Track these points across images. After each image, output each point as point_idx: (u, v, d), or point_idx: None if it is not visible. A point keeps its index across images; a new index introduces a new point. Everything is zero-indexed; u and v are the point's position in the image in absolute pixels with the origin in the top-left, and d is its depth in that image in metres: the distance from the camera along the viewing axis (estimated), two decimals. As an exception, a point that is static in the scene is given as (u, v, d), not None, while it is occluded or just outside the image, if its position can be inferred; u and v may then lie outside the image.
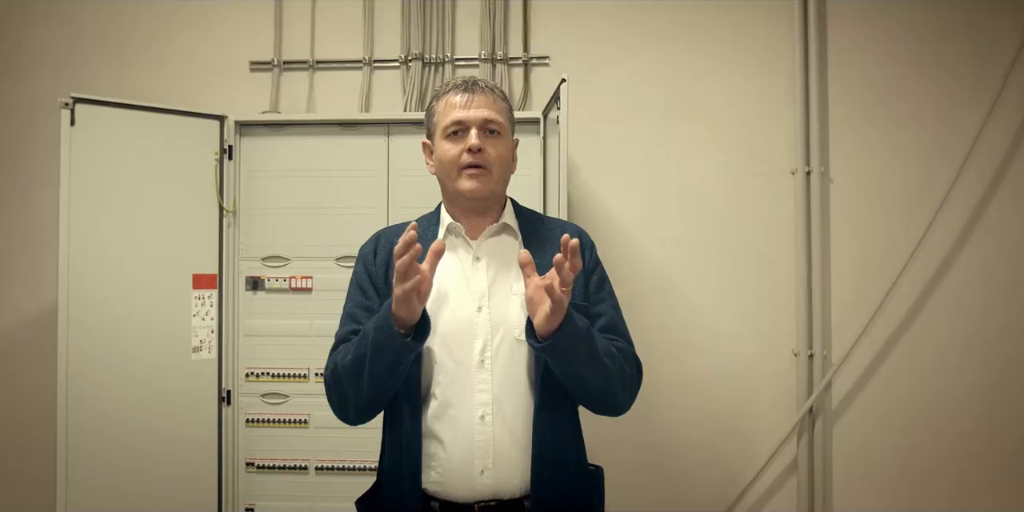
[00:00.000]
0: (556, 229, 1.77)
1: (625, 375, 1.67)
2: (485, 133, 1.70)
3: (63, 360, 2.61)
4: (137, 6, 3.29)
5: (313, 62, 3.26)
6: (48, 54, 3.28)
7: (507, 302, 1.66)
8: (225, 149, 2.98)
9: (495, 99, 1.74)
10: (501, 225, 1.76)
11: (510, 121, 1.77)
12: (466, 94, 1.72)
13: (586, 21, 3.24)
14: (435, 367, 1.64)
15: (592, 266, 1.78)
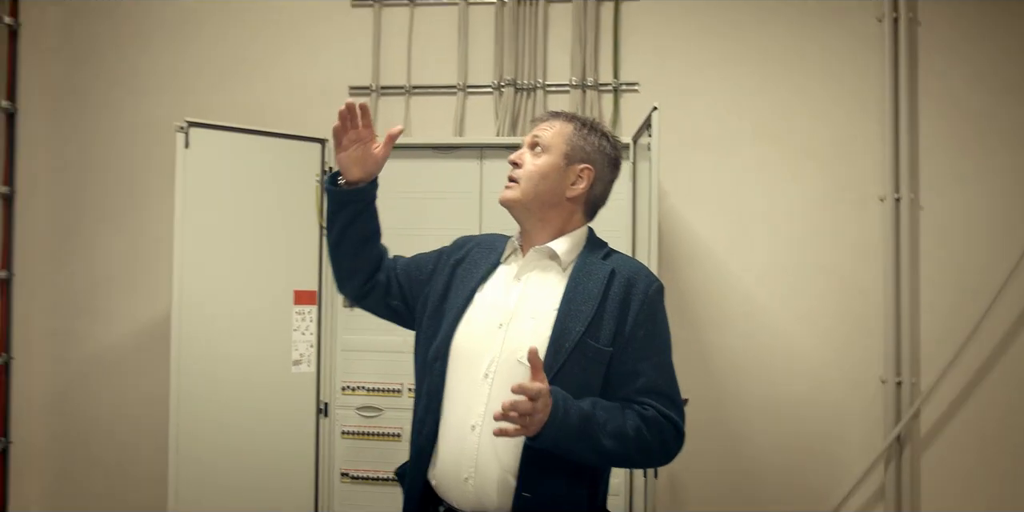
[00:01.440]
0: (609, 268, 1.80)
1: (647, 449, 1.70)
2: (531, 150, 1.87)
3: (175, 370, 2.85)
4: (246, 34, 3.56)
5: (409, 87, 3.48)
6: (164, 78, 3.58)
7: (525, 324, 1.77)
8: (326, 170, 3.20)
9: (555, 121, 1.90)
10: (548, 250, 1.84)
11: (569, 143, 1.85)
12: (540, 121, 1.90)
13: (675, 48, 3.40)
14: (452, 374, 1.80)
15: (644, 316, 1.77)
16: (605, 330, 1.73)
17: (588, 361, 1.71)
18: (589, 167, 1.85)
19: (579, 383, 1.69)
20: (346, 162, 1.88)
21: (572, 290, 1.77)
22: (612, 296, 1.75)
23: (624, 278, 1.78)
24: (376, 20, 3.51)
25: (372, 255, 1.97)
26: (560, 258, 1.83)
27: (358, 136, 1.87)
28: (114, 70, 3.61)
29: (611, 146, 1.90)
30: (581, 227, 1.89)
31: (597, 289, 1.75)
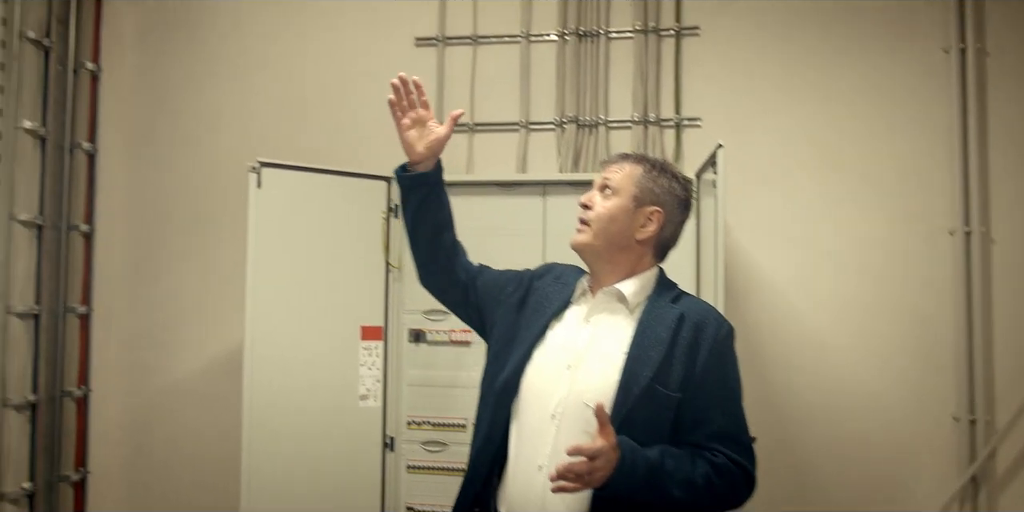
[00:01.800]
0: (678, 312, 1.81)
1: (717, 496, 1.73)
2: (601, 192, 1.91)
3: (247, 402, 2.94)
4: (313, 74, 3.70)
5: (472, 124, 3.56)
6: (236, 118, 3.73)
7: (593, 366, 1.78)
8: (392, 208, 3.29)
9: (625, 163, 1.93)
10: (616, 292, 1.86)
11: (639, 185, 1.87)
12: (610, 163, 1.94)
13: (737, 82, 3.43)
14: (518, 410, 1.83)
15: (713, 361, 1.78)
16: (674, 375, 1.74)
17: (657, 407, 1.73)
18: (659, 210, 1.87)
19: (647, 429, 1.71)
20: (409, 139, 1.98)
21: (641, 334, 1.79)
22: (681, 341, 1.77)
23: (693, 322, 1.79)
24: (439, 59, 3.61)
25: (445, 245, 2.04)
26: (628, 300, 1.85)
27: (418, 116, 1.98)
28: (188, 111, 3.77)
29: (681, 188, 1.92)
30: (651, 269, 1.91)
31: (666, 333, 1.77)
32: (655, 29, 3.47)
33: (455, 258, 2.06)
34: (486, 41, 3.60)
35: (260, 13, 3.77)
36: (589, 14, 3.53)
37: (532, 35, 3.57)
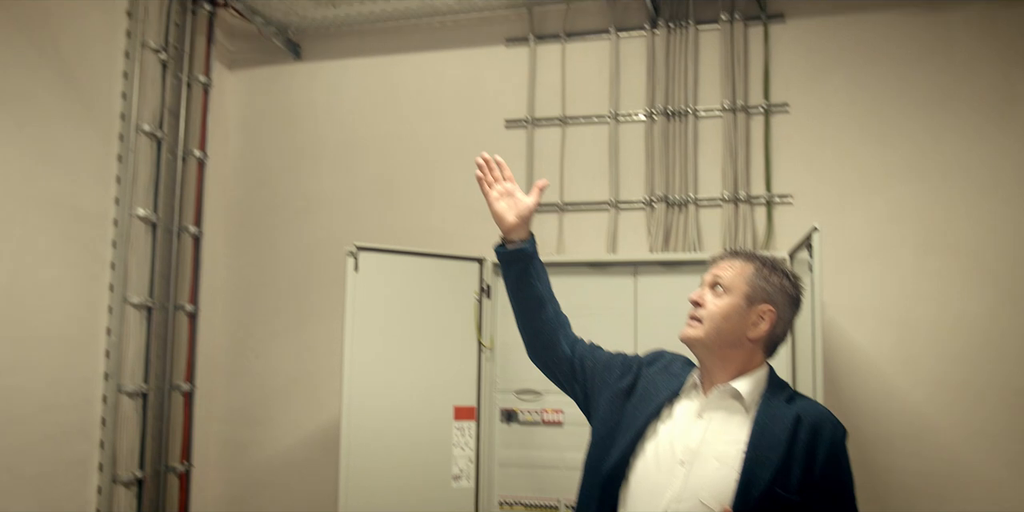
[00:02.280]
0: (794, 413, 1.83)
1: None
2: (712, 289, 1.95)
3: (343, 480, 3.04)
4: (406, 158, 3.86)
5: (562, 204, 3.66)
6: (332, 200, 3.91)
7: (709, 464, 1.80)
8: (484, 288, 3.38)
9: (735, 260, 1.98)
10: (731, 390, 1.89)
11: (751, 284, 1.92)
12: (719, 260, 1.99)
13: (828, 158, 3.46)
14: (628, 499, 1.85)
15: (831, 465, 1.80)
16: (793, 478, 1.76)
17: (776, 510, 1.75)
18: (771, 308, 1.91)
19: None
20: (499, 210, 2.10)
21: (759, 435, 1.80)
22: (799, 443, 1.79)
23: (809, 424, 1.81)
24: (528, 139, 3.74)
25: (548, 318, 2.12)
26: (744, 399, 1.88)
27: (505, 189, 2.11)
28: (288, 194, 3.97)
29: (792, 285, 1.96)
30: (762, 366, 1.94)
31: (784, 435, 1.79)
32: (744, 107, 3.53)
33: (560, 331, 2.13)
34: (574, 121, 3.72)
35: (356, 99, 3.98)
36: (677, 93, 3.62)
37: (620, 115, 3.67)
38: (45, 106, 3.08)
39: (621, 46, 3.71)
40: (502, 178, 2.12)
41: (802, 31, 3.55)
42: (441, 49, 3.91)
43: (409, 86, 3.93)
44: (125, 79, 3.43)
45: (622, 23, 3.71)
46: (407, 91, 3.93)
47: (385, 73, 3.97)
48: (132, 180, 3.38)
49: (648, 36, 3.67)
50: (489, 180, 2.12)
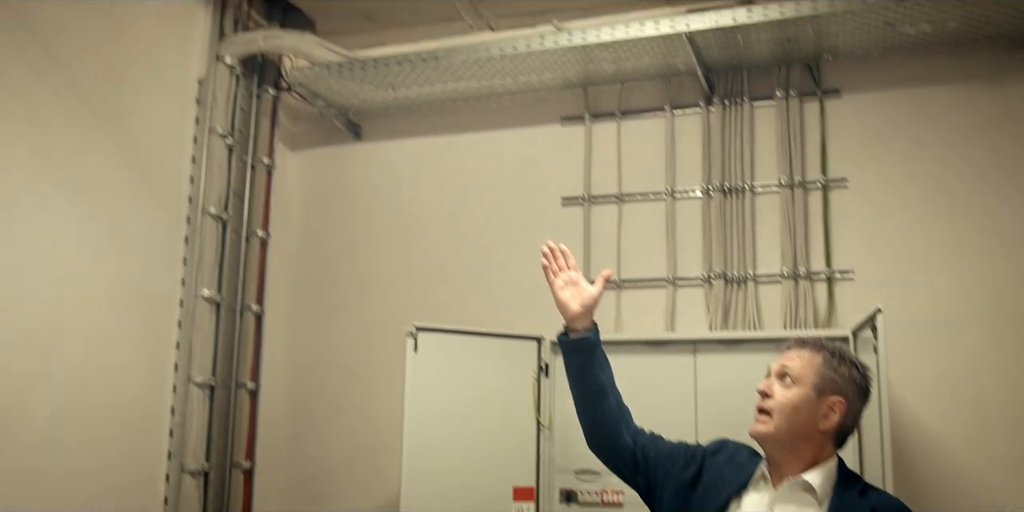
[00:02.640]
0: (869, 506, 1.82)
1: None
2: (780, 380, 1.94)
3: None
4: (464, 237, 3.95)
5: (619, 281, 3.68)
6: (391, 279, 4.00)
7: None
8: (542, 367, 3.41)
9: (803, 350, 1.98)
10: (803, 483, 1.87)
11: (820, 374, 1.92)
12: (786, 349, 1.98)
13: (889, 233, 3.44)
14: None
15: None
16: None
17: None
18: (841, 399, 1.90)
19: None
20: (563, 299, 2.11)
21: None
22: None
23: None
24: (585, 217, 3.80)
25: (610, 409, 2.11)
26: (816, 492, 1.86)
27: (569, 278, 2.12)
28: (347, 273, 4.08)
29: (861, 376, 1.95)
30: (832, 457, 1.93)
31: None
32: (801, 182, 3.55)
33: (622, 422, 2.13)
34: (631, 198, 3.76)
35: (415, 178, 4.09)
36: (733, 169, 3.65)
37: (677, 191, 3.71)
38: (117, 191, 3.23)
39: (676, 123, 3.77)
40: (566, 266, 2.16)
41: (859, 105, 3.57)
42: (498, 128, 4.02)
43: (466, 165, 4.04)
44: (193, 164, 3.58)
45: (677, 100, 3.78)
46: (464, 170, 4.03)
47: (443, 152, 4.08)
48: (198, 261, 3.51)
49: (703, 113, 3.73)
50: (554, 268, 2.16)
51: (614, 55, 3.53)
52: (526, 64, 3.60)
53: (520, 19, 3.92)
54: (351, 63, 3.68)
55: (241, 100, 3.78)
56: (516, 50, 3.48)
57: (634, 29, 3.35)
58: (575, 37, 3.42)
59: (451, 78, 3.72)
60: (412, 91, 3.86)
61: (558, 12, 3.85)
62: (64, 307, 2.98)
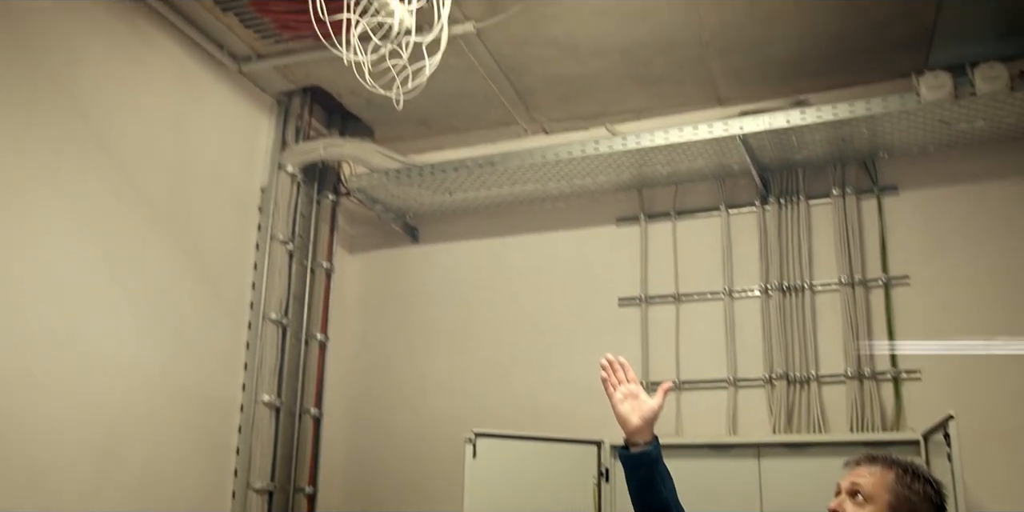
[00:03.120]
0: None
1: None
2: (852, 498, 1.90)
3: None
4: (521, 337, 3.99)
5: (679, 382, 3.68)
6: (448, 381, 4.03)
7: None
8: (602, 472, 3.38)
9: (874, 466, 1.93)
10: None
11: (893, 492, 1.87)
12: (856, 466, 1.95)
13: (956, 330, 3.40)
14: None
15: None
16: None
17: None
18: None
19: None
20: (623, 412, 2.06)
21: None
22: None
23: None
24: (643, 317, 3.82)
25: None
26: None
27: (629, 391, 2.08)
28: (404, 376, 4.13)
29: (936, 493, 1.90)
30: None
31: None
32: (862, 281, 3.54)
33: None
34: (688, 298, 3.78)
35: (471, 280, 4.16)
36: (791, 268, 3.66)
37: (735, 291, 3.72)
38: (182, 297, 3.35)
39: (732, 222, 3.81)
40: (626, 379, 2.17)
41: (917, 201, 3.59)
42: (553, 229, 4.09)
43: (523, 266, 4.10)
44: (255, 270, 3.70)
45: (732, 200, 3.82)
46: (521, 271, 4.09)
47: (499, 254, 4.16)
48: (258, 366, 3.58)
49: (759, 212, 3.76)
50: (613, 381, 2.17)
51: (668, 157, 3.60)
52: (581, 167, 3.69)
53: (573, 122, 4.05)
54: (409, 169, 3.80)
55: (302, 206, 3.91)
56: (571, 155, 3.58)
57: (688, 133, 3.43)
58: (629, 141, 3.51)
59: (507, 182, 3.82)
60: (469, 195, 3.96)
61: (610, 115, 3.97)
62: (127, 413, 3.05)
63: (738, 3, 3.24)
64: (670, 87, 3.81)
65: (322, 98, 3.98)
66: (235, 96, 3.72)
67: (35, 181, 2.78)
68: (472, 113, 4.04)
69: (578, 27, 3.40)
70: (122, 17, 3.17)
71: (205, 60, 3.54)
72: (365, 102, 3.89)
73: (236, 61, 3.63)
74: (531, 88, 3.84)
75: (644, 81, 3.76)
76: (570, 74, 3.72)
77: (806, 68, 3.63)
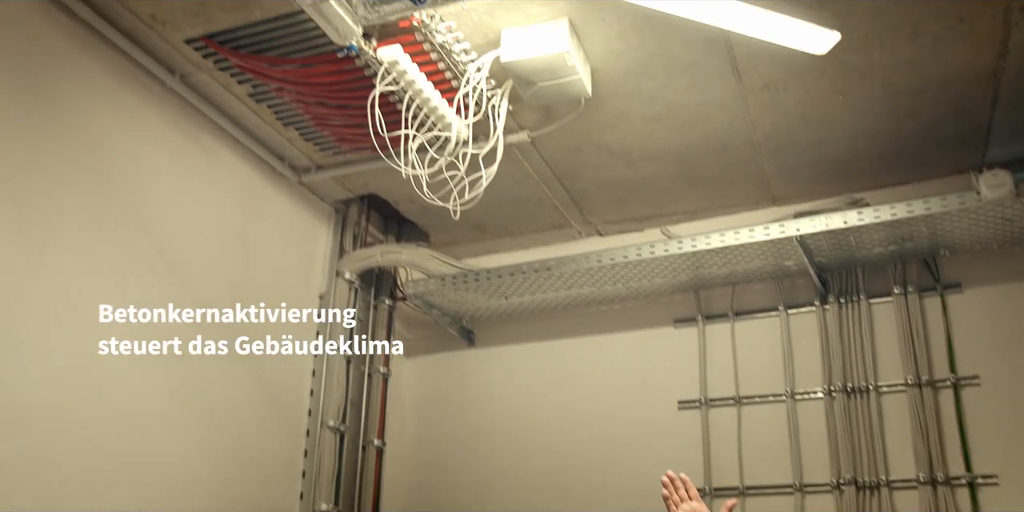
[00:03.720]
0: None
1: None
2: None
3: None
4: (577, 441, 3.95)
5: (743, 488, 3.61)
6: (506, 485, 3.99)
7: None
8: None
9: None
10: None
11: None
12: None
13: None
14: None
15: None
16: None
17: None
18: None
19: None
20: None
21: None
22: None
23: None
24: (703, 421, 3.77)
25: None
26: None
27: (691, 509, 2.07)
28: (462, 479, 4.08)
29: None
30: None
31: None
32: (929, 381, 3.47)
33: None
34: (749, 401, 3.73)
35: (528, 383, 4.16)
36: (855, 368, 3.60)
37: (797, 393, 3.67)
38: (241, 406, 3.38)
39: (792, 322, 3.78)
40: (687, 496, 2.15)
41: (983, 299, 3.54)
42: (610, 332, 4.09)
43: (580, 369, 4.09)
44: (313, 377, 3.73)
45: (791, 300, 3.80)
46: (578, 373, 4.08)
47: (556, 356, 4.16)
48: (316, 474, 3.58)
49: (819, 312, 3.73)
50: (675, 499, 2.16)
51: (724, 259, 3.61)
52: (637, 271, 3.71)
53: (627, 224, 4.10)
54: (465, 274, 3.86)
55: (359, 311, 3.96)
56: (626, 259, 3.60)
57: (744, 235, 3.45)
58: (685, 244, 3.53)
59: (563, 286, 3.85)
60: (525, 298, 3.99)
61: (664, 216, 4.02)
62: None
63: (790, 106, 3.29)
64: (723, 188, 3.85)
65: (379, 205, 4.08)
66: (295, 206, 3.83)
67: (104, 299, 2.86)
68: (526, 217, 4.11)
69: (630, 133, 3.48)
70: (188, 133, 3.31)
71: (267, 172, 3.67)
72: (421, 209, 3.97)
73: (297, 173, 3.75)
74: (584, 192, 3.91)
75: (697, 182, 3.81)
76: (623, 178, 3.78)
77: (860, 166, 3.65)
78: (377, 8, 2.57)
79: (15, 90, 2.69)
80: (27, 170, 2.66)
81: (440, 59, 2.99)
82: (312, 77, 3.09)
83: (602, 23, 2.91)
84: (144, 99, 3.12)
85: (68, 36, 2.86)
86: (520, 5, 2.85)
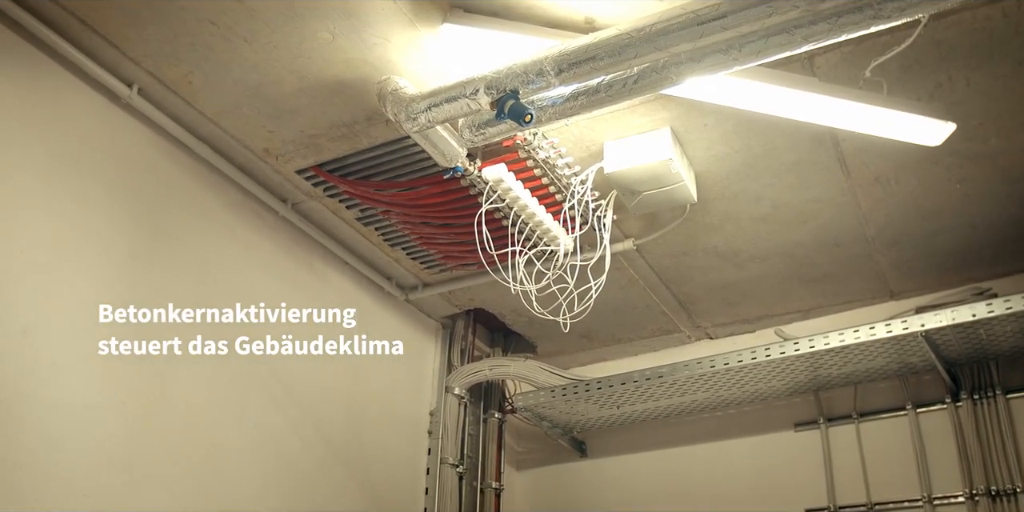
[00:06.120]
0: None
1: None
2: None
3: None
4: None
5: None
6: None
7: None
8: None
9: None
10: None
11: None
12: None
13: None
14: None
15: None
16: None
17: None
18: None
19: None
20: None
21: None
22: None
23: None
24: (838, 529, 3.54)
25: None
26: None
27: None
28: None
29: None
30: None
31: None
32: (1081, 483, 3.22)
33: None
34: (883, 508, 3.50)
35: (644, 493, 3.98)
36: (998, 470, 3.36)
37: (935, 498, 3.43)
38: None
39: (922, 421, 3.57)
40: None
41: None
42: (727, 437, 3.93)
43: (698, 476, 3.92)
44: (426, 495, 3.64)
45: (919, 398, 3.60)
46: (696, 482, 3.91)
47: (672, 465, 4.00)
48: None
49: (951, 410, 3.51)
50: None
51: (844, 359, 3.45)
52: (752, 374, 3.56)
53: (738, 326, 4.00)
54: (575, 385, 3.76)
55: (469, 426, 3.91)
56: (741, 362, 3.46)
57: (864, 333, 3.29)
58: (802, 345, 3.38)
59: (675, 393, 3.72)
60: (637, 407, 3.86)
61: (776, 316, 3.90)
62: None
63: (902, 198, 3.19)
64: (837, 285, 3.72)
65: (485, 318, 4.06)
66: (402, 324, 3.84)
67: (226, 426, 2.89)
68: (634, 324, 4.03)
69: (737, 235, 3.41)
70: (300, 259, 3.36)
71: (375, 292, 3.69)
72: (527, 320, 3.94)
73: (404, 291, 3.77)
74: (692, 296, 3.82)
75: (809, 280, 3.70)
76: (731, 280, 3.70)
77: (981, 255, 3.50)
78: (483, 130, 2.57)
79: (140, 229, 2.76)
80: (150, 305, 2.68)
81: (544, 174, 2.98)
82: (418, 199, 3.12)
83: (704, 128, 2.89)
84: (258, 229, 3.19)
85: (188, 173, 2.96)
86: (622, 117, 2.85)
